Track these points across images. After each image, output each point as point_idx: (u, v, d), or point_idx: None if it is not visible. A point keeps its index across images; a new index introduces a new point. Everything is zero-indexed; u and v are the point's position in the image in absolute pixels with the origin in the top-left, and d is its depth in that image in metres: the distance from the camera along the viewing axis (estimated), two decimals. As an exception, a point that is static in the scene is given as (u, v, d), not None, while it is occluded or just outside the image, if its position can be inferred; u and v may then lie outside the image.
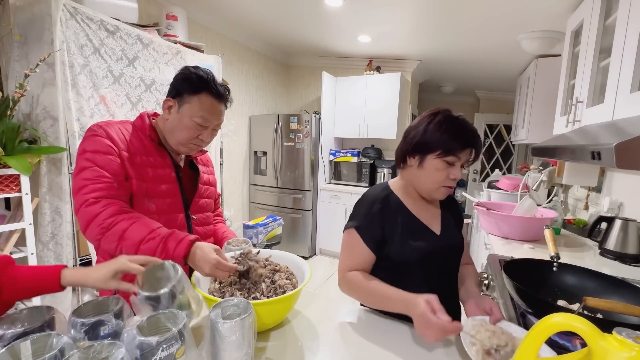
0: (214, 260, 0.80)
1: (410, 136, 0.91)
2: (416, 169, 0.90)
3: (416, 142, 0.88)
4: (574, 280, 1.02)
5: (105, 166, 0.86)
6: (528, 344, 0.53)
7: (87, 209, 0.82)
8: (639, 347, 0.44)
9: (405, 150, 0.92)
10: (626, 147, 0.76)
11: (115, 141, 0.89)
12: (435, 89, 5.14)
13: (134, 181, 0.90)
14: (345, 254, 0.94)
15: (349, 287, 0.90)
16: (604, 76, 1.36)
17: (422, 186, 0.92)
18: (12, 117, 1.43)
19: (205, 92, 0.92)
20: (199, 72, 0.93)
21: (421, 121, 0.90)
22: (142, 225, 0.83)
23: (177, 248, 0.81)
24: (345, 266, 0.93)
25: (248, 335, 0.63)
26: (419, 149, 0.88)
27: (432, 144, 0.85)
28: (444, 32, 2.75)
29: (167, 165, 0.98)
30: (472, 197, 2.24)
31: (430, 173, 0.88)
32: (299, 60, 4.10)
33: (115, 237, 0.81)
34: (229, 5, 2.61)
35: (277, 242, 2.46)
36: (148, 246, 0.81)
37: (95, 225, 0.81)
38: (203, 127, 0.94)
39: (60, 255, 1.61)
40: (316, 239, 3.77)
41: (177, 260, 0.79)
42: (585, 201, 2.04)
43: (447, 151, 0.84)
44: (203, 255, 0.81)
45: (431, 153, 0.86)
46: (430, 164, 0.87)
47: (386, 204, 0.92)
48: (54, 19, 1.46)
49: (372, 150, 3.79)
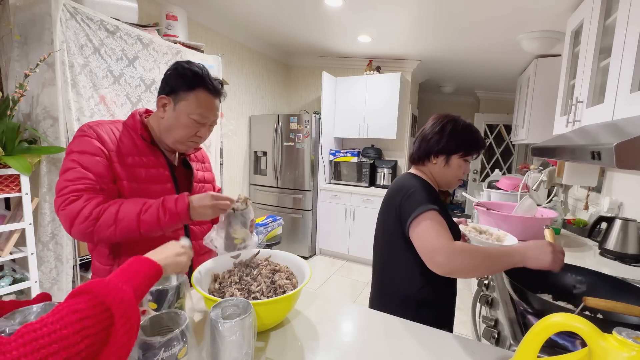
0: (209, 196, 0.86)
1: (434, 139, 1.05)
2: (442, 167, 1.06)
3: (444, 145, 1.03)
4: (574, 280, 1.02)
5: (90, 167, 0.83)
6: (528, 344, 0.53)
7: (69, 207, 0.79)
8: (639, 347, 0.44)
9: (430, 150, 1.06)
10: (626, 147, 0.76)
11: (104, 142, 0.87)
12: (435, 89, 5.14)
13: (125, 182, 0.88)
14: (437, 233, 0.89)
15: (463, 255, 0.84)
16: (604, 76, 1.36)
17: (445, 179, 1.08)
18: (12, 117, 1.43)
19: (202, 88, 0.90)
20: (193, 68, 0.91)
21: (443, 127, 1.04)
22: (131, 203, 0.83)
23: (177, 204, 0.83)
24: (446, 239, 0.87)
25: (248, 335, 0.63)
26: (446, 150, 1.03)
27: (457, 146, 1.03)
28: (444, 32, 2.75)
29: (161, 164, 0.96)
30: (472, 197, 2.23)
31: (453, 170, 1.05)
32: (299, 60, 4.10)
33: (109, 223, 0.79)
34: (229, 5, 2.61)
35: (277, 242, 2.46)
36: (149, 214, 0.81)
37: (81, 220, 0.78)
38: (201, 124, 0.93)
39: (60, 256, 1.61)
40: (316, 239, 3.77)
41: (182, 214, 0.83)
42: (585, 201, 2.04)
43: (468, 152, 1.04)
44: (199, 198, 0.86)
45: (456, 154, 1.03)
46: (454, 163, 1.04)
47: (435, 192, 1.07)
48: (54, 19, 1.46)
49: (372, 150, 3.79)
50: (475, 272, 0.89)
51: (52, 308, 0.45)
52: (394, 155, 3.90)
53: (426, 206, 0.92)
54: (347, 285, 3.13)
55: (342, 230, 3.63)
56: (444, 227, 0.90)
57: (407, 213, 0.94)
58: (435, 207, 0.92)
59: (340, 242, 3.67)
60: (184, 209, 0.83)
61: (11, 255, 1.46)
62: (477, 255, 0.84)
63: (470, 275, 0.90)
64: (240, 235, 0.95)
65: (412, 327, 0.85)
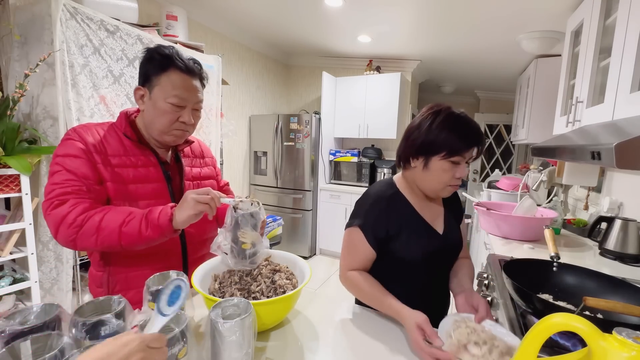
0: (190, 194, 0.79)
1: (412, 137, 0.88)
2: (421, 171, 0.88)
3: (420, 143, 0.85)
4: (574, 280, 1.02)
5: (74, 170, 0.82)
6: (528, 344, 0.53)
7: (54, 211, 0.78)
8: (639, 347, 0.44)
9: (407, 151, 0.90)
10: (626, 147, 0.76)
11: (88, 144, 0.85)
12: (435, 89, 5.14)
13: (109, 184, 0.86)
14: (346, 252, 0.96)
15: (348, 285, 0.94)
16: (604, 76, 1.36)
17: (428, 186, 0.90)
18: (12, 117, 1.43)
19: (172, 68, 0.86)
20: (160, 50, 0.87)
21: (423, 121, 0.86)
22: (116, 212, 0.80)
23: (160, 216, 0.78)
24: (346, 264, 0.95)
25: (248, 335, 0.63)
26: (423, 150, 0.85)
27: (437, 145, 0.83)
28: (444, 32, 2.75)
29: (152, 163, 0.93)
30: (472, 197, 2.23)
31: (435, 174, 0.86)
32: (299, 60, 4.10)
33: (91, 232, 0.77)
34: (229, 5, 2.61)
35: (277, 242, 2.46)
36: (130, 226, 0.78)
37: (65, 225, 0.77)
38: (180, 107, 0.88)
39: (60, 256, 1.61)
40: (316, 239, 3.77)
41: (164, 227, 0.77)
42: (585, 201, 2.04)
43: (453, 152, 0.82)
44: (182, 201, 0.80)
45: (436, 155, 0.83)
46: (435, 166, 0.85)
47: (392, 202, 0.92)
48: (54, 19, 1.46)
49: (372, 150, 3.79)
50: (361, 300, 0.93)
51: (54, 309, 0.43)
52: (394, 156, 3.85)
53: (353, 220, 0.93)
54: (347, 285, 3.12)
55: (342, 230, 3.62)
56: (355, 248, 0.92)
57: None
58: (360, 222, 0.90)
59: (340, 242, 3.65)
60: (165, 221, 0.78)
61: (11, 255, 1.46)
62: (359, 293, 0.91)
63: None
64: (250, 238, 0.85)
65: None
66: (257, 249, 0.87)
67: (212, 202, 0.80)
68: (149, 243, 0.81)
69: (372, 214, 0.90)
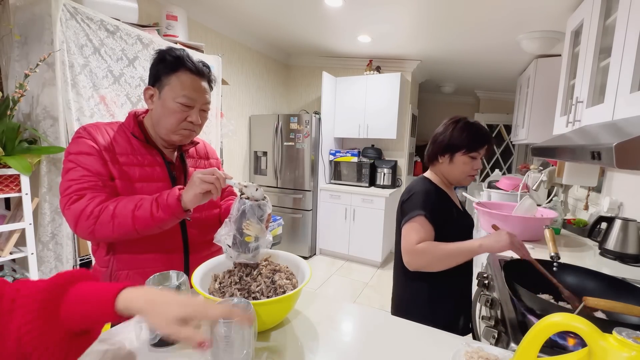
0: (196, 174, 0.82)
1: (439, 140, 1.14)
2: (447, 165, 1.14)
3: (446, 144, 1.12)
4: (574, 280, 1.02)
5: (88, 166, 0.85)
6: (528, 344, 0.53)
7: (73, 205, 0.82)
8: (639, 347, 0.44)
9: (436, 150, 1.15)
10: (626, 147, 0.76)
11: (98, 142, 0.88)
12: (435, 89, 5.14)
13: (117, 181, 0.89)
14: (413, 232, 1.04)
15: (420, 252, 1.00)
16: (604, 76, 1.36)
17: (453, 177, 1.15)
18: (12, 117, 1.43)
19: (182, 69, 0.89)
20: (172, 52, 0.90)
21: (446, 128, 1.13)
22: (128, 200, 0.84)
23: (169, 196, 0.82)
24: (413, 241, 1.02)
25: (248, 335, 0.63)
26: (449, 149, 1.12)
27: (458, 144, 1.10)
28: (444, 32, 2.75)
29: (158, 163, 0.95)
30: (472, 197, 2.23)
31: (459, 167, 1.12)
32: (299, 60, 4.10)
33: (107, 220, 0.81)
34: (229, 5, 2.61)
35: (277, 242, 2.46)
36: (143, 209, 0.82)
37: (84, 218, 0.81)
38: (189, 107, 0.91)
39: (60, 256, 1.61)
40: (316, 239, 3.77)
41: (173, 206, 0.81)
42: (585, 201, 2.04)
43: (471, 149, 1.09)
44: (189, 182, 0.83)
45: (458, 151, 1.10)
46: (458, 160, 1.11)
47: (437, 194, 1.13)
48: (54, 19, 1.46)
49: (372, 150, 3.79)
50: (439, 267, 1.03)
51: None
52: (394, 155, 3.91)
53: (416, 212, 1.05)
54: (347, 285, 3.13)
55: (342, 230, 3.64)
56: (421, 231, 1.03)
57: (403, 215, 1.09)
58: (423, 212, 1.04)
59: (340, 242, 3.67)
60: (174, 200, 0.82)
61: (11, 255, 1.47)
62: (437, 252, 1.00)
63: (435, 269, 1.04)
64: (254, 231, 0.85)
65: (412, 327, 0.85)
66: (259, 244, 0.87)
67: (217, 182, 0.83)
68: (162, 225, 0.84)
69: (429, 205, 1.07)
